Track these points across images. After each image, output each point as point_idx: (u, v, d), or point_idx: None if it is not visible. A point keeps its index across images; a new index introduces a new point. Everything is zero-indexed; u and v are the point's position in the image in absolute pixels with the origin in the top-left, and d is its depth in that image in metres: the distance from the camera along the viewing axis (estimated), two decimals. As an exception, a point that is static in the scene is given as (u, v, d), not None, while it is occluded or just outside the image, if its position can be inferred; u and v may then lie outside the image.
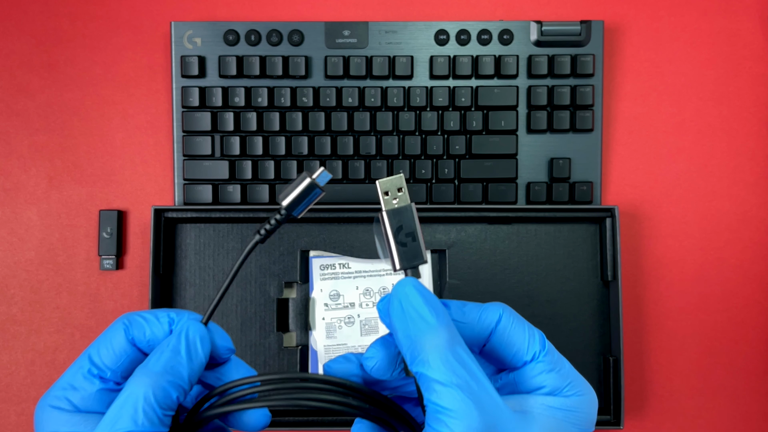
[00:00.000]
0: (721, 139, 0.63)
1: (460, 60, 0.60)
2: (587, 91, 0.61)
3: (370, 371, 0.29)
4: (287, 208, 0.29)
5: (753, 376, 0.62)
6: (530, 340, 0.29)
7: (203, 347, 0.29)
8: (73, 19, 0.63)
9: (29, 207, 0.62)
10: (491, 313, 0.29)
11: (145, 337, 0.30)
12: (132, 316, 0.30)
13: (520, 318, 0.29)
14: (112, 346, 0.29)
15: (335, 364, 0.30)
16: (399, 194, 0.29)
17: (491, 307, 0.29)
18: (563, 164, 0.61)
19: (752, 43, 0.63)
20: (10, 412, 0.61)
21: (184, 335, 0.29)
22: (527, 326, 0.29)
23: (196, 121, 0.60)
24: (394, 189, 0.29)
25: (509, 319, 0.29)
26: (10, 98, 0.62)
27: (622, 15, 0.64)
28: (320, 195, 0.29)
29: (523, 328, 0.29)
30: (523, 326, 0.29)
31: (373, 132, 0.61)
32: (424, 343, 0.26)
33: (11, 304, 0.62)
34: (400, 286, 0.28)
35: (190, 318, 0.30)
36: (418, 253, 0.29)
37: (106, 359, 0.29)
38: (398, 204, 0.29)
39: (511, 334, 0.29)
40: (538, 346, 0.29)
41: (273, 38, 0.61)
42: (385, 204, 0.29)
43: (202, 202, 0.61)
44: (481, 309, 0.29)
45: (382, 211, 0.29)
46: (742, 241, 0.63)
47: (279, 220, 0.29)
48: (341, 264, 0.60)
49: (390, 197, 0.29)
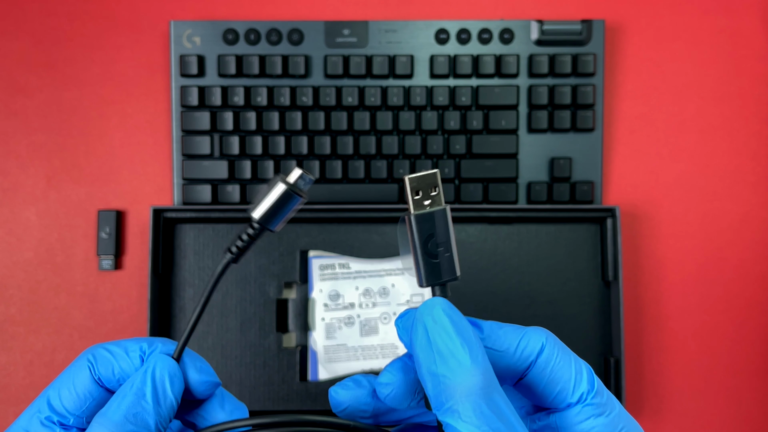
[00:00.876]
0: (723, 138, 0.63)
1: (460, 59, 0.60)
2: (588, 90, 0.60)
3: (385, 399, 0.25)
4: (261, 222, 0.24)
5: (754, 376, 0.62)
6: (577, 377, 0.24)
7: (173, 388, 0.25)
8: (71, 19, 0.63)
9: (27, 207, 0.62)
10: (532, 342, 0.24)
11: (113, 375, 0.26)
12: (97, 350, 0.26)
13: (565, 348, 0.25)
14: (74, 386, 0.26)
15: (343, 390, 0.26)
16: (432, 194, 0.24)
17: (533, 334, 0.25)
18: (564, 164, 0.61)
19: (753, 42, 0.63)
20: (9, 413, 0.61)
21: (150, 375, 0.25)
22: (573, 359, 0.25)
23: (195, 121, 0.60)
24: (426, 188, 0.24)
25: (553, 351, 0.24)
26: (8, 98, 0.62)
27: (623, 14, 0.63)
28: (301, 202, 0.25)
29: (569, 363, 0.25)
30: (569, 360, 0.25)
31: (373, 132, 0.60)
32: (453, 388, 0.22)
33: (9, 305, 0.61)
34: (427, 309, 0.23)
35: (162, 351, 0.26)
36: (451, 266, 0.24)
37: (68, 403, 0.25)
38: (430, 207, 0.24)
39: (554, 370, 0.24)
40: (586, 385, 0.24)
41: (272, 37, 0.60)
42: (415, 206, 0.24)
43: (201, 202, 0.60)
44: (520, 335, 0.25)
45: (410, 214, 0.24)
46: (744, 241, 0.63)
47: (252, 235, 0.25)
48: (341, 264, 0.59)
49: (421, 198, 0.24)
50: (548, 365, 0.24)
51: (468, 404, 0.21)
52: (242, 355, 0.59)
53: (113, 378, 0.26)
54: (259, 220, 0.24)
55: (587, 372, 0.25)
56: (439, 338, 0.22)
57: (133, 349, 0.26)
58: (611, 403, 0.25)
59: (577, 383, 0.24)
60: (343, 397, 0.26)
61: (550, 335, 0.25)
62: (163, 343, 0.27)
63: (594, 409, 0.24)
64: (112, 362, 0.26)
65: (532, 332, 0.25)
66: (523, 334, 0.25)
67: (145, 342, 0.26)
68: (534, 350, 0.24)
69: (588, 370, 0.25)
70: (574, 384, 0.24)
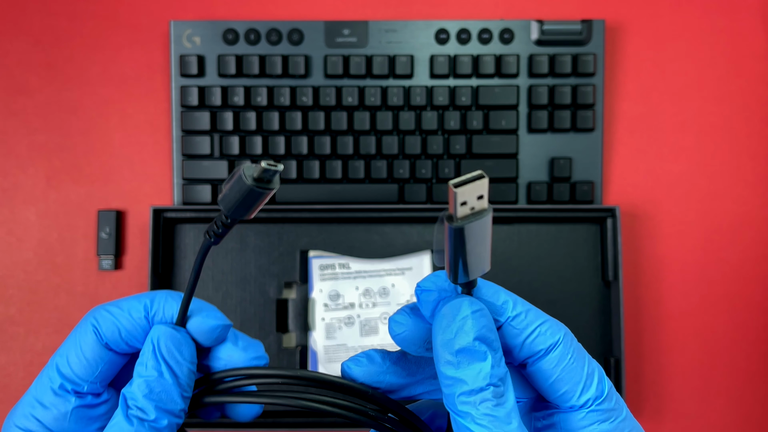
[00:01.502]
0: (723, 138, 0.63)
1: (460, 59, 0.60)
2: (588, 90, 0.60)
3: (395, 338, 0.25)
4: (231, 216, 0.24)
5: (754, 376, 0.62)
6: (587, 381, 0.24)
7: (185, 356, 0.25)
8: (71, 19, 0.63)
9: (27, 207, 0.62)
10: (549, 335, 0.24)
11: (121, 338, 0.25)
12: (99, 312, 0.26)
13: (581, 351, 0.24)
14: (83, 352, 0.25)
15: (356, 365, 0.25)
16: (477, 202, 0.21)
17: (551, 327, 0.24)
18: (564, 164, 0.61)
19: (754, 42, 0.63)
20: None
21: (159, 353, 0.25)
22: (587, 362, 0.24)
23: (195, 121, 0.60)
24: (473, 197, 0.21)
25: (567, 351, 0.24)
26: (8, 98, 0.62)
27: (624, 14, 0.63)
28: (268, 195, 0.24)
29: (582, 366, 0.24)
30: (582, 363, 0.24)
31: (373, 132, 0.60)
32: (469, 394, 0.22)
33: (9, 305, 0.61)
34: (454, 310, 0.23)
35: (165, 309, 0.26)
36: (483, 263, 0.22)
37: (79, 370, 0.25)
38: (476, 216, 0.21)
39: (565, 369, 0.24)
40: (594, 391, 0.24)
41: (272, 37, 0.60)
42: (461, 215, 0.21)
43: (201, 202, 0.60)
44: (539, 322, 0.24)
45: (457, 227, 0.21)
46: (744, 242, 0.63)
47: (227, 224, 0.24)
48: (341, 264, 0.59)
49: (467, 206, 0.21)
50: (560, 364, 0.24)
51: (482, 409, 0.22)
52: (242, 355, 0.59)
53: (120, 341, 0.25)
54: (229, 215, 0.24)
55: (599, 378, 0.24)
56: (462, 340, 0.22)
57: (136, 309, 0.26)
58: (619, 409, 0.24)
59: (586, 388, 0.24)
60: (355, 372, 0.25)
61: (568, 334, 0.24)
62: (166, 299, 0.26)
63: (599, 415, 0.24)
64: (117, 324, 0.25)
65: (552, 325, 0.24)
66: (542, 321, 0.24)
67: (147, 298, 0.26)
68: (545, 344, 0.24)
69: (600, 375, 0.24)
70: (582, 388, 0.24)
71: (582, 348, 0.25)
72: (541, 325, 0.24)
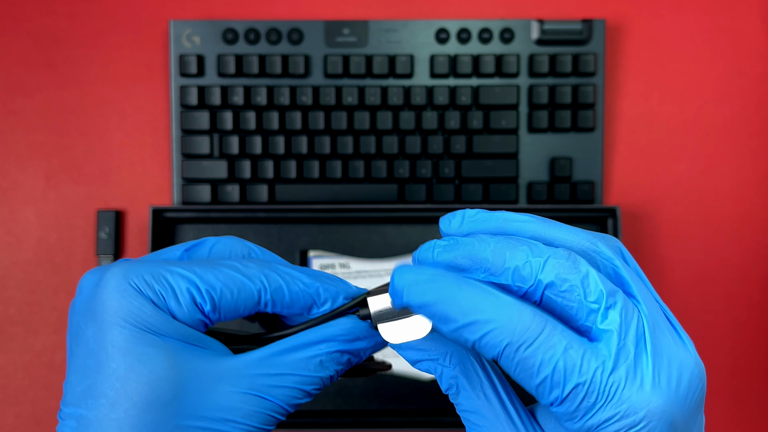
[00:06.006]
0: (724, 138, 0.63)
1: (460, 59, 0.60)
2: (589, 90, 0.60)
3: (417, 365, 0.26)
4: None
5: (755, 377, 0.62)
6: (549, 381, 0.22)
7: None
8: (71, 18, 0.62)
9: (26, 207, 0.62)
10: (491, 344, 0.22)
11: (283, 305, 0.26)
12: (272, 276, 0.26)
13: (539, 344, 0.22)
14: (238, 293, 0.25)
15: None
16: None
17: (495, 331, 0.22)
18: (564, 164, 0.61)
19: (754, 42, 0.63)
20: (8, 413, 0.61)
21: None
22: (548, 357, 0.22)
23: (195, 121, 0.60)
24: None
25: (513, 358, 0.22)
26: (7, 97, 0.62)
27: (624, 14, 0.63)
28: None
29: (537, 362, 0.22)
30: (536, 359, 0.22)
31: (373, 131, 0.60)
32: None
33: (8, 305, 0.61)
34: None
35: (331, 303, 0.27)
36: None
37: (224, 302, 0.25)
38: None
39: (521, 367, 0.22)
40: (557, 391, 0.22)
41: (272, 37, 0.60)
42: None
43: (201, 202, 0.60)
44: (480, 333, 0.22)
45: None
46: (745, 242, 0.62)
47: None
48: (341, 264, 0.59)
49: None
50: (513, 368, 0.22)
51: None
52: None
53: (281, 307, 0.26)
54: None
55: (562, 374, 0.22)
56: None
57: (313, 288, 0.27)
58: (586, 406, 0.22)
59: (549, 388, 0.22)
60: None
61: (515, 336, 0.22)
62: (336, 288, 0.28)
63: (564, 416, 0.22)
64: (284, 291, 0.26)
65: (495, 331, 0.22)
66: (484, 329, 0.22)
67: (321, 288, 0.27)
68: (491, 354, 0.22)
69: (564, 369, 0.22)
70: (549, 388, 0.22)
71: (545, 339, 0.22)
72: (485, 334, 0.22)
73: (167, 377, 0.23)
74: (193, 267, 0.25)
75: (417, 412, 0.59)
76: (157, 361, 0.23)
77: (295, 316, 0.27)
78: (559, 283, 0.22)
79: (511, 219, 0.25)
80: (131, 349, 0.23)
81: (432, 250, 0.24)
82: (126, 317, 0.23)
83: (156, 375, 0.23)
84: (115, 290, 0.24)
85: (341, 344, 0.26)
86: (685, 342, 0.23)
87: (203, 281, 0.25)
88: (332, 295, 0.27)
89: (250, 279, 0.25)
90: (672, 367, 0.22)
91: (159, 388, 0.23)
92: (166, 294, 0.24)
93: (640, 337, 0.22)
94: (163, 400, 0.23)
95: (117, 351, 0.23)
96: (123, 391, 0.23)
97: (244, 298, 0.25)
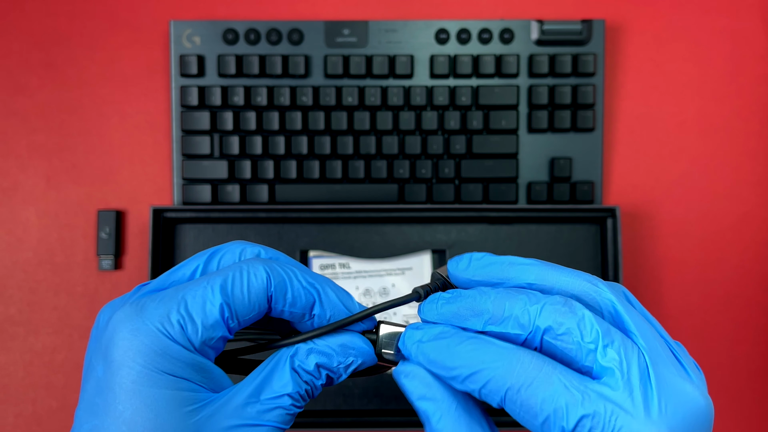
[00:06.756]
0: (723, 138, 0.63)
1: (460, 59, 0.60)
2: (588, 90, 0.60)
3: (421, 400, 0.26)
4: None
5: (755, 376, 0.62)
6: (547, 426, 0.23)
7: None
8: (71, 18, 0.63)
9: (27, 207, 0.62)
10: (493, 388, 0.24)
11: (285, 299, 0.26)
12: (274, 267, 0.26)
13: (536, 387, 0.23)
14: (249, 290, 0.25)
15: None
16: None
17: (494, 379, 0.24)
18: (564, 164, 0.61)
19: (754, 42, 0.63)
20: (8, 413, 0.61)
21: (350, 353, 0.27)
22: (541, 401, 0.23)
23: (195, 121, 0.60)
24: None
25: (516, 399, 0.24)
26: (8, 97, 0.62)
27: (624, 14, 0.63)
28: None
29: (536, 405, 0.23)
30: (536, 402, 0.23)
31: (373, 132, 0.60)
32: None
33: (9, 305, 0.61)
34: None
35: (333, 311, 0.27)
36: None
37: (239, 305, 0.25)
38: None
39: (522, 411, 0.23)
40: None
41: (272, 37, 0.60)
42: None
43: (201, 202, 0.60)
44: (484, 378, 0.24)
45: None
46: (744, 242, 0.63)
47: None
48: (341, 264, 0.59)
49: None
50: (517, 411, 0.23)
51: None
52: (242, 355, 0.59)
53: (283, 303, 0.26)
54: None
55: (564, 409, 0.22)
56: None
57: (307, 289, 0.27)
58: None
59: (554, 425, 0.23)
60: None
61: (514, 379, 0.23)
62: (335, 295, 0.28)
63: None
64: (287, 286, 0.26)
65: (496, 378, 0.23)
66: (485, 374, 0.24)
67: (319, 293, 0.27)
68: (495, 400, 0.24)
69: (567, 404, 0.22)
70: (553, 425, 0.23)
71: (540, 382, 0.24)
72: (487, 383, 0.24)
73: (171, 423, 0.24)
74: (203, 282, 0.25)
75: (417, 411, 0.59)
76: (161, 405, 0.24)
77: (299, 320, 0.27)
78: (556, 327, 0.23)
79: (516, 263, 0.26)
80: (138, 392, 0.23)
81: (437, 302, 0.26)
82: (135, 357, 0.24)
83: (162, 420, 0.23)
84: (127, 330, 0.24)
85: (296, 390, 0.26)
86: (692, 376, 0.24)
87: (216, 292, 0.25)
88: (331, 300, 0.27)
89: (256, 275, 0.26)
90: (678, 399, 0.23)
91: (163, 430, 0.24)
92: (183, 322, 0.24)
93: (643, 371, 0.23)
94: None
95: (124, 393, 0.23)
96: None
97: (256, 292, 0.25)
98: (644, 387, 0.22)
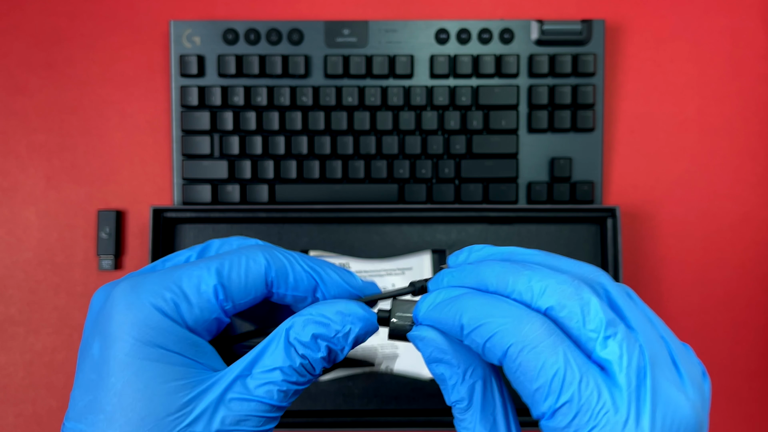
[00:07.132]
0: (723, 138, 0.63)
1: (460, 59, 0.60)
2: (588, 90, 0.60)
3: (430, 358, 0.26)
4: None
5: (755, 376, 0.62)
6: (550, 385, 0.22)
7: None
8: (71, 18, 0.63)
9: (27, 207, 0.62)
10: (497, 345, 0.23)
11: (286, 285, 0.26)
12: (273, 253, 0.26)
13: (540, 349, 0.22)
14: (246, 275, 0.26)
15: None
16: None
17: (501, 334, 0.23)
18: (564, 164, 0.61)
19: (754, 42, 0.63)
20: (9, 413, 0.61)
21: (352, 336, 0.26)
22: (549, 364, 0.22)
23: (195, 121, 0.60)
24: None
25: (516, 359, 0.23)
26: (8, 97, 0.62)
27: (624, 14, 0.63)
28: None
29: (538, 368, 0.22)
30: (538, 364, 0.22)
31: (373, 132, 0.60)
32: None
33: (9, 305, 0.61)
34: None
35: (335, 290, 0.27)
36: None
37: (235, 289, 0.25)
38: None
39: (521, 374, 0.23)
40: (552, 399, 0.22)
41: (272, 37, 0.60)
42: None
43: (201, 202, 0.60)
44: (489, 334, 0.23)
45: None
46: (744, 242, 0.63)
47: None
48: (341, 264, 0.59)
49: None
50: (514, 370, 0.23)
51: None
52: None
53: (285, 287, 0.26)
54: None
55: (560, 382, 0.22)
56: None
57: (308, 272, 0.27)
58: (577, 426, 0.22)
59: (546, 395, 0.22)
60: None
61: (520, 338, 0.23)
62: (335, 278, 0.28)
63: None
64: (288, 270, 0.26)
65: (501, 333, 0.23)
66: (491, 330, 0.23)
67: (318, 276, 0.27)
68: (497, 355, 0.23)
69: (564, 377, 0.22)
70: (545, 395, 0.22)
71: (547, 343, 0.23)
72: (491, 337, 0.23)
73: (161, 395, 0.23)
74: (200, 264, 0.25)
75: (417, 412, 0.59)
76: (152, 377, 0.23)
77: (301, 303, 0.27)
78: (558, 308, 0.23)
79: (518, 253, 0.26)
80: (130, 363, 0.23)
81: (442, 277, 0.26)
82: (130, 331, 0.24)
83: (151, 391, 0.23)
84: (122, 305, 0.24)
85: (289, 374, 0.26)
86: (686, 385, 0.23)
87: (211, 273, 0.25)
88: (333, 280, 0.27)
89: (254, 260, 0.26)
90: (668, 410, 0.22)
91: (153, 403, 0.23)
92: (177, 299, 0.24)
93: (641, 371, 0.22)
94: (158, 416, 0.23)
95: (117, 365, 0.23)
96: (120, 406, 0.23)
97: (253, 277, 0.26)
98: (638, 389, 0.22)
